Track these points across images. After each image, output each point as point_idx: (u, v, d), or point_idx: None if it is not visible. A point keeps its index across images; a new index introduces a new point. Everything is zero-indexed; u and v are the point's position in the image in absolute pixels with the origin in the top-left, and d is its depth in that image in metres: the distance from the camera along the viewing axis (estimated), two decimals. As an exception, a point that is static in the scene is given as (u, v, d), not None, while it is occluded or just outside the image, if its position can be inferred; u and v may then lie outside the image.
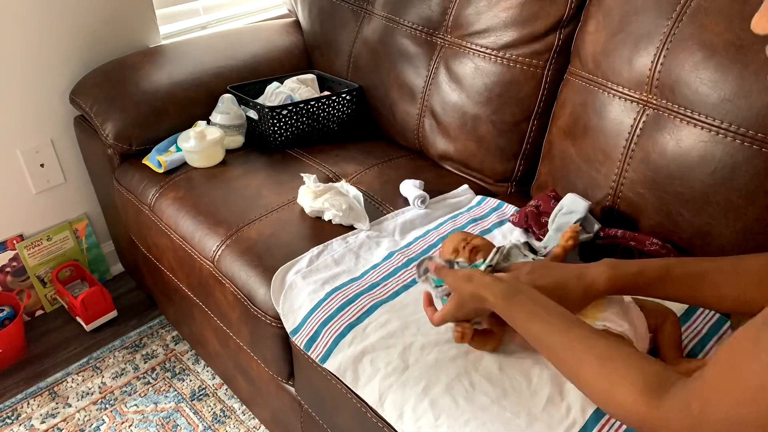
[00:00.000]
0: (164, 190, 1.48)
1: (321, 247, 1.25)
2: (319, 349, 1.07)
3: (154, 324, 1.86)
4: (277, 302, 1.17)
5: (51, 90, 1.71)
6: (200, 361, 1.72)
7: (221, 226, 1.34)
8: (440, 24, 1.54)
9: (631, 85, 1.22)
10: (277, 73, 1.81)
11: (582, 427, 0.87)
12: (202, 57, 1.74)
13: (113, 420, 1.56)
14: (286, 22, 1.97)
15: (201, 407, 1.59)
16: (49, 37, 1.65)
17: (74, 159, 1.83)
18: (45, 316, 1.89)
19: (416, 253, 1.23)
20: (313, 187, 1.34)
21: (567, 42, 1.38)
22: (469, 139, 1.51)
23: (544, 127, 1.44)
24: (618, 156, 1.24)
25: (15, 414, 1.58)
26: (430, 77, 1.56)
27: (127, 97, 1.59)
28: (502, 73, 1.43)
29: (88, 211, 1.92)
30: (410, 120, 1.63)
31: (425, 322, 1.06)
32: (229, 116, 1.59)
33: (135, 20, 1.81)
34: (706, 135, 1.11)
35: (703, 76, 1.10)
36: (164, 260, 1.52)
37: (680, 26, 1.14)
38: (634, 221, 1.24)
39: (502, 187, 1.53)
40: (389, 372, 0.98)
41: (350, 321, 1.07)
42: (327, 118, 1.67)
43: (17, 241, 1.77)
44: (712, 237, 1.12)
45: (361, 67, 1.72)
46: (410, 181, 1.43)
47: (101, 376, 1.69)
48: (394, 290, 1.13)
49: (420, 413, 0.92)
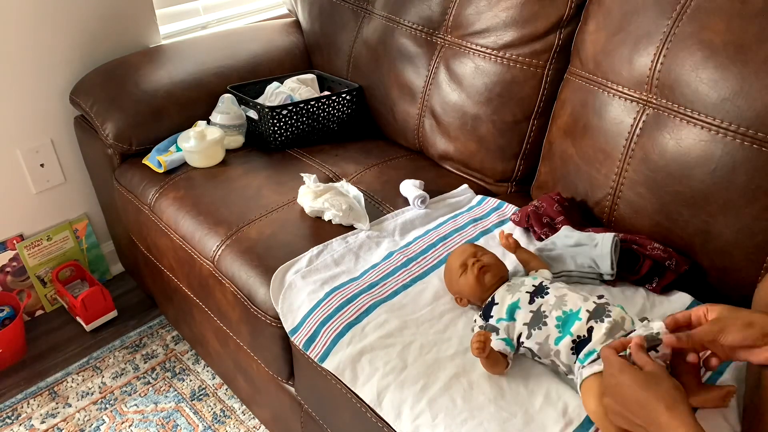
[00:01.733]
0: (164, 190, 1.48)
1: (321, 247, 1.25)
2: (318, 349, 1.07)
3: (154, 324, 1.86)
4: (277, 302, 1.17)
5: (51, 90, 1.71)
6: (200, 361, 1.72)
7: (221, 226, 1.34)
8: (440, 24, 1.54)
9: (631, 84, 1.21)
10: (277, 73, 1.81)
11: (578, 426, 0.87)
12: (202, 57, 1.74)
13: (113, 420, 1.56)
14: (286, 22, 1.97)
15: (201, 407, 1.59)
16: (50, 37, 1.65)
17: (74, 159, 1.83)
18: (45, 316, 1.89)
19: (416, 253, 1.22)
20: (313, 187, 1.34)
21: (567, 42, 1.38)
22: (469, 139, 1.51)
23: (544, 126, 1.44)
24: (618, 156, 1.24)
25: (15, 414, 1.58)
26: (430, 77, 1.56)
27: (127, 97, 1.59)
28: (502, 73, 1.43)
29: (88, 211, 1.92)
30: (410, 120, 1.62)
31: (423, 322, 1.06)
32: (229, 116, 1.59)
33: (135, 20, 1.81)
34: (706, 134, 1.10)
35: (702, 75, 1.10)
36: (164, 260, 1.52)
37: (680, 26, 1.14)
38: (634, 221, 1.24)
39: (502, 186, 1.53)
40: (387, 371, 0.98)
41: (349, 320, 1.07)
42: (327, 118, 1.67)
43: (17, 241, 1.77)
44: (712, 236, 1.12)
45: (361, 67, 1.72)
46: (410, 181, 1.43)
47: (101, 376, 1.69)
48: (393, 290, 1.13)
49: (418, 412, 0.92)
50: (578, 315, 0.94)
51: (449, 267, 1.11)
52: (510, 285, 1.04)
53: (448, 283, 1.12)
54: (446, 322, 1.06)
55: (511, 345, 0.96)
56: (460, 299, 1.10)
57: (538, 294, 0.99)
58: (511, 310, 0.99)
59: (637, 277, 1.13)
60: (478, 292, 1.06)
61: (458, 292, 1.10)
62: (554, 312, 0.95)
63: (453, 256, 1.12)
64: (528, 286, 1.01)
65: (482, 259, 1.07)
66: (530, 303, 0.98)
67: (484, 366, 0.96)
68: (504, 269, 1.09)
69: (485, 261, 1.07)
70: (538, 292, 0.99)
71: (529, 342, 0.95)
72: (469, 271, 1.06)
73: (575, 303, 0.95)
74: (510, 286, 1.03)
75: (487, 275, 1.05)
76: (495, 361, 0.95)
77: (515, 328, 0.97)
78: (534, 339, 0.95)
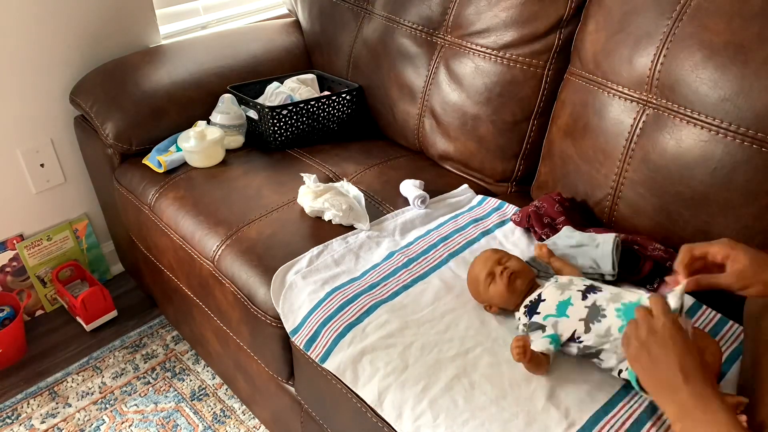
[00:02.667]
0: (164, 190, 1.48)
1: (321, 247, 1.25)
2: (319, 349, 1.07)
3: (154, 324, 1.86)
4: (277, 302, 1.17)
5: (51, 90, 1.71)
6: (200, 361, 1.72)
7: (221, 225, 1.34)
8: (440, 24, 1.54)
9: (631, 84, 1.21)
10: (277, 73, 1.81)
11: (580, 428, 0.87)
12: (202, 57, 1.74)
13: (113, 420, 1.56)
14: (286, 22, 1.97)
15: (201, 407, 1.59)
16: (50, 37, 1.65)
17: (74, 159, 1.83)
18: (45, 316, 1.89)
19: (416, 253, 1.22)
20: (313, 187, 1.34)
21: (567, 42, 1.38)
22: (469, 139, 1.51)
23: (544, 127, 1.44)
24: (618, 156, 1.24)
25: (15, 414, 1.58)
26: (430, 77, 1.56)
27: (127, 97, 1.59)
28: (502, 73, 1.43)
29: (88, 211, 1.92)
30: (410, 120, 1.62)
31: (424, 322, 1.06)
32: (229, 116, 1.59)
33: (135, 20, 1.81)
34: (706, 135, 1.10)
35: (703, 75, 1.10)
36: (164, 260, 1.52)
37: (680, 26, 1.14)
38: (634, 221, 1.24)
39: (502, 187, 1.53)
40: (389, 372, 0.98)
41: (350, 321, 1.07)
42: (327, 118, 1.67)
43: (17, 241, 1.77)
44: (712, 236, 1.11)
45: (361, 67, 1.72)
46: (410, 181, 1.43)
47: (101, 376, 1.69)
48: (393, 290, 1.13)
49: (419, 413, 0.92)
50: (638, 302, 0.92)
51: (475, 277, 1.08)
52: (558, 284, 1.02)
53: (475, 294, 1.10)
54: (447, 322, 1.06)
55: (557, 342, 0.95)
56: (489, 307, 1.08)
57: (591, 291, 0.97)
58: (562, 306, 0.97)
59: (638, 277, 1.13)
60: (512, 299, 1.04)
61: (488, 301, 1.08)
62: (612, 305, 0.93)
63: (477, 265, 1.09)
64: (579, 285, 0.99)
65: (509, 266, 1.05)
66: (583, 299, 0.96)
67: (527, 369, 0.95)
68: (530, 271, 1.08)
69: (513, 267, 1.05)
70: (591, 290, 0.97)
71: (588, 337, 0.93)
72: (498, 279, 1.04)
73: (630, 297, 0.94)
74: (559, 285, 1.01)
75: (518, 281, 1.04)
76: (537, 363, 0.94)
77: (566, 325, 0.95)
78: (594, 332, 0.92)
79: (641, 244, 1.15)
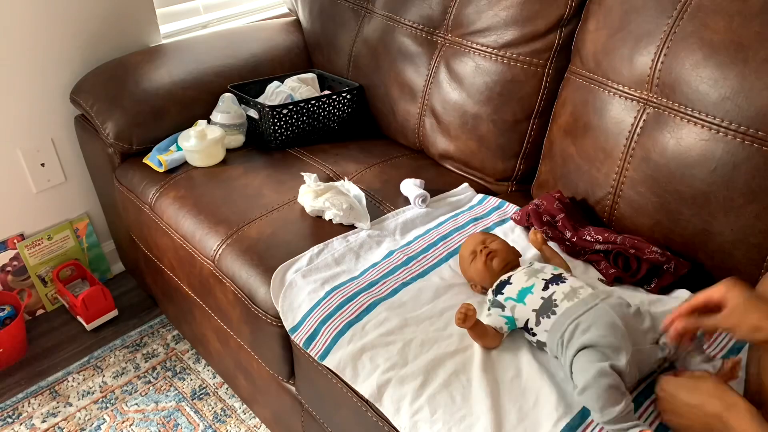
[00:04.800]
0: (165, 190, 1.48)
1: (321, 246, 1.25)
2: (319, 347, 1.07)
3: (154, 323, 1.86)
4: (277, 300, 1.17)
5: (52, 89, 1.71)
6: (201, 360, 1.72)
7: (222, 225, 1.34)
8: (441, 23, 1.54)
9: (631, 83, 1.21)
10: (278, 72, 1.81)
11: (571, 419, 0.88)
12: (202, 56, 1.74)
13: (114, 419, 1.56)
14: (287, 21, 1.97)
15: (202, 406, 1.59)
16: (50, 36, 1.65)
17: (75, 158, 1.83)
18: (46, 315, 1.89)
19: (416, 252, 1.22)
20: (313, 186, 1.34)
21: (567, 41, 1.38)
22: (469, 138, 1.51)
23: (545, 126, 1.44)
24: (618, 155, 1.24)
25: (16, 413, 1.58)
26: (431, 76, 1.56)
27: (127, 96, 1.59)
28: (502, 72, 1.43)
29: (89, 211, 1.92)
30: (411, 119, 1.62)
31: (424, 319, 1.06)
32: (230, 115, 1.59)
33: (135, 19, 1.81)
34: (707, 133, 1.10)
35: (703, 74, 1.10)
36: (165, 259, 1.52)
37: (681, 24, 1.14)
38: (635, 220, 1.24)
39: (502, 186, 1.53)
40: (388, 368, 0.99)
41: (349, 319, 1.07)
42: (327, 117, 1.67)
43: (18, 241, 1.78)
44: (712, 235, 1.12)
45: (362, 67, 1.72)
46: (411, 180, 1.43)
47: (102, 375, 1.69)
48: (393, 288, 1.13)
49: (417, 408, 0.93)
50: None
51: (461, 255, 1.15)
52: (530, 269, 1.05)
53: (462, 271, 1.16)
54: (446, 319, 1.06)
55: (512, 324, 1.00)
56: (474, 285, 1.13)
57: (555, 282, 1.00)
58: (523, 293, 1.01)
59: (635, 279, 1.13)
60: (487, 277, 1.09)
61: (471, 279, 1.14)
62: (565, 302, 0.96)
63: (464, 244, 1.17)
64: (547, 273, 1.03)
65: (490, 246, 1.12)
66: (544, 290, 1.00)
67: (471, 337, 0.99)
68: (513, 255, 1.13)
69: (492, 247, 1.11)
70: (555, 280, 1.01)
71: (539, 330, 0.97)
72: (478, 257, 1.10)
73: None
74: (530, 270, 1.05)
75: (494, 260, 1.09)
76: (481, 333, 0.98)
77: (522, 312, 0.99)
78: (542, 327, 0.97)
79: (638, 248, 1.15)
